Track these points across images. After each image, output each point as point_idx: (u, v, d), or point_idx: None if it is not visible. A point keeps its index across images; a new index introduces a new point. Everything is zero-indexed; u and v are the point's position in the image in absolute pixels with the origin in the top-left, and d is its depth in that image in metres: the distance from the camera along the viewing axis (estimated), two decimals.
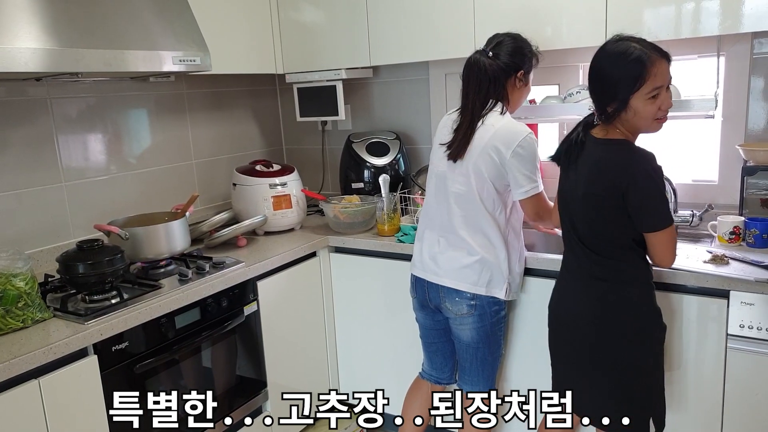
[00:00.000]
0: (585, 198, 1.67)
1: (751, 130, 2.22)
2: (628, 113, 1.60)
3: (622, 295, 1.67)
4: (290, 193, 2.63)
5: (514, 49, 1.92)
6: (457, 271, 1.95)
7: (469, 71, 1.93)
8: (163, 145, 2.68)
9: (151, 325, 1.86)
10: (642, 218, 1.61)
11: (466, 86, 1.94)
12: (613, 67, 1.59)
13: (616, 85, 1.58)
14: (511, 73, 1.93)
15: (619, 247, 1.67)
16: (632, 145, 1.64)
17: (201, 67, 2.15)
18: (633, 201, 1.58)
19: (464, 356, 2.05)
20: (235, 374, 2.22)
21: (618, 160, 1.61)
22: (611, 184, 1.60)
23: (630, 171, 1.58)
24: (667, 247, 1.65)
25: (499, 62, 1.90)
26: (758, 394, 1.81)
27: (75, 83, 2.29)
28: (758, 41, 2.16)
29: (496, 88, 1.91)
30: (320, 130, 3.24)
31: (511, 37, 1.95)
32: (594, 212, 1.66)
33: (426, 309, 2.10)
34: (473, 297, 1.94)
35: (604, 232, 1.67)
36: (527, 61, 1.95)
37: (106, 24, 1.88)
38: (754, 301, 1.76)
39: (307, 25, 2.74)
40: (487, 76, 1.89)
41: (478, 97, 1.91)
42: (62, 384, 1.61)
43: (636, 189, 1.57)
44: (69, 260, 1.83)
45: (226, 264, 2.16)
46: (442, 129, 2.03)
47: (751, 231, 2.03)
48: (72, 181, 2.31)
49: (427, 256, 2.03)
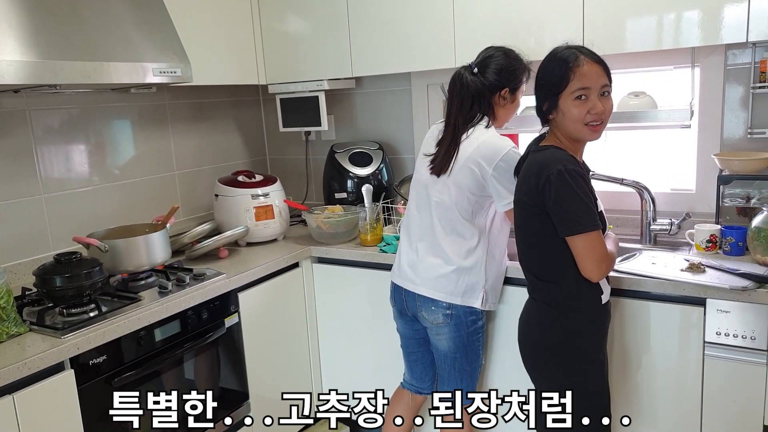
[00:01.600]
0: (516, 206, 1.69)
1: (727, 139, 2.26)
2: (558, 115, 1.62)
3: (559, 322, 1.66)
4: (272, 203, 2.62)
5: (500, 67, 1.92)
6: (433, 280, 1.95)
7: (453, 86, 1.94)
8: (144, 157, 2.67)
9: (130, 338, 1.84)
10: (558, 221, 1.56)
11: (450, 100, 1.96)
12: (545, 68, 1.63)
13: (546, 84, 1.62)
14: (496, 91, 1.92)
15: (554, 266, 1.63)
16: (554, 149, 1.62)
17: (182, 79, 2.15)
18: (548, 202, 1.55)
19: (442, 366, 2.05)
20: (217, 386, 2.20)
21: (536, 163, 1.61)
22: (531, 188, 1.59)
23: (543, 172, 1.55)
24: (587, 255, 1.56)
25: (483, 79, 1.90)
26: (735, 402, 1.82)
27: (54, 95, 2.28)
28: (732, 53, 2.19)
29: (480, 104, 1.91)
30: (303, 141, 3.24)
31: (503, 52, 1.94)
32: (525, 223, 1.66)
33: (405, 317, 2.10)
34: (449, 306, 1.94)
35: (537, 247, 1.65)
36: (513, 80, 1.94)
37: (86, 36, 1.88)
38: (730, 309, 1.78)
39: (290, 36, 2.74)
40: (469, 93, 1.90)
41: (461, 113, 1.91)
42: (38, 400, 1.59)
43: (550, 189, 1.54)
44: (46, 273, 1.81)
45: (207, 276, 2.15)
46: (429, 139, 2.04)
47: (727, 239, 2.05)
48: (51, 193, 2.29)
49: (405, 263, 2.04)
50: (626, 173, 2.33)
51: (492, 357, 2.20)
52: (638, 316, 1.92)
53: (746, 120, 2.20)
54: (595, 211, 1.57)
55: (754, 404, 1.80)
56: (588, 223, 1.54)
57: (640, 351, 1.94)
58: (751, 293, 1.73)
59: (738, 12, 1.86)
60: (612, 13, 2.05)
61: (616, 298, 1.88)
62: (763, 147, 2.18)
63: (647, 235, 2.32)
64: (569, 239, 1.56)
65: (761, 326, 1.75)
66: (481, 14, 2.27)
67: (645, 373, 1.96)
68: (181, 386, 2.06)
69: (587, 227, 1.54)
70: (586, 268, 1.58)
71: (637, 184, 2.31)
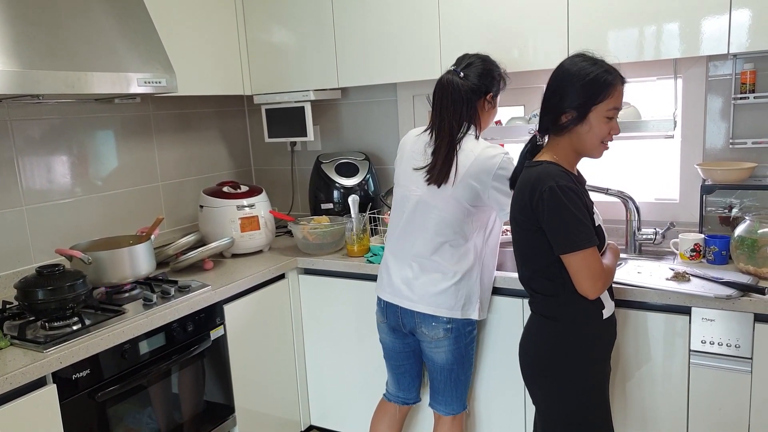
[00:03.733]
0: (512, 223, 1.66)
1: (709, 149, 2.29)
2: (583, 127, 1.57)
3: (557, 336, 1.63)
4: (258, 214, 2.61)
5: (483, 71, 1.91)
6: (433, 297, 1.91)
7: (443, 91, 1.88)
8: (128, 168, 2.64)
9: (114, 351, 1.81)
10: (552, 238, 1.54)
11: (439, 107, 1.88)
12: (586, 73, 1.54)
13: (582, 91, 1.54)
14: (481, 95, 1.91)
15: (550, 280, 1.61)
16: (547, 164, 1.58)
17: (167, 89, 2.13)
18: (542, 219, 1.53)
19: (438, 378, 2.02)
20: (202, 400, 2.17)
21: (529, 180, 1.57)
22: (525, 205, 1.56)
23: (537, 188, 1.53)
24: (582, 273, 1.53)
25: (470, 83, 1.88)
26: (721, 409, 1.84)
27: (37, 105, 2.25)
28: (713, 64, 2.23)
29: (469, 109, 1.88)
30: (289, 151, 3.23)
31: (480, 58, 1.94)
32: (521, 238, 1.64)
33: (396, 333, 2.06)
34: (449, 321, 1.92)
35: (534, 262, 1.63)
36: (496, 84, 1.95)
37: (70, 45, 1.86)
38: (715, 317, 1.80)
39: (275, 46, 2.74)
40: (461, 97, 1.86)
41: (455, 118, 1.86)
42: (19, 415, 1.56)
43: (543, 206, 1.52)
44: (28, 286, 1.78)
45: (192, 288, 2.13)
46: (414, 152, 1.96)
47: (711, 248, 2.08)
48: (33, 205, 2.26)
49: (399, 281, 1.98)
50: (611, 183, 2.35)
51: (484, 366, 2.20)
52: (624, 325, 1.93)
53: (728, 130, 2.24)
54: (590, 226, 1.54)
55: (740, 412, 1.81)
56: (582, 241, 1.51)
57: (626, 360, 1.95)
58: (735, 302, 1.75)
59: (719, 24, 1.89)
60: (595, 25, 2.08)
61: None
62: (745, 157, 2.22)
63: (632, 244, 2.34)
64: (564, 257, 1.54)
65: (745, 334, 1.77)
66: (467, 25, 2.28)
67: (631, 382, 1.96)
68: (166, 400, 2.03)
69: (581, 245, 1.51)
70: (581, 286, 1.55)
71: (622, 193, 2.33)
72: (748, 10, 1.85)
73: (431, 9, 2.34)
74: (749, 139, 2.19)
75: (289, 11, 2.67)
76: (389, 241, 2.07)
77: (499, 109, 2.06)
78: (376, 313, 2.12)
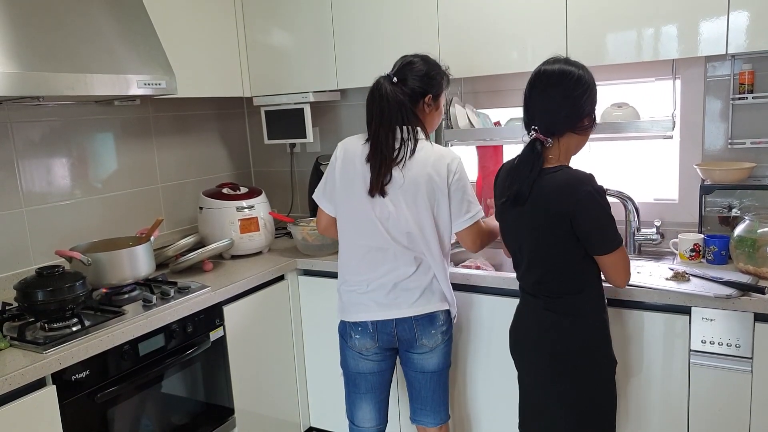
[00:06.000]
0: (537, 230, 1.62)
1: (708, 150, 2.29)
2: (592, 127, 1.65)
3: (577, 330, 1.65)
4: (257, 215, 2.61)
5: (422, 73, 1.85)
6: (421, 298, 1.87)
7: (372, 97, 1.82)
8: (128, 169, 2.64)
9: (114, 352, 1.81)
10: (593, 243, 1.58)
11: (369, 113, 1.82)
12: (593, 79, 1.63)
13: (595, 96, 1.63)
14: (419, 99, 1.86)
15: (575, 278, 1.63)
16: (568, 168, 1.61)
17: (167, 91, 2.13)
18: (582, 226, 1.55)
19: (427, 386, 1.96)
20: (201, 401, 2.17)
21: (560, 185, 1.56)
22: (559, 211, 1.55)
23: (573, 193, 1.54)
24: (620, 267, 1.62)
25: (404, 88, 1.82)
26: (721, 409, 1.84)
27: (37, 107, 2.26)
28: (711, 65, 2.23)
29: (404, 114, 1.80)
30: (288, 153, 3.23)
31: (420, 58, 1.88)
32: (549, 243, 1.61)
33: (387, 353, 1.96)
34: (443, 323, 1.91)
35: (557, 268, 1.63)
36: (435, 85, 1.88)
37: (70, 47, 1.86)
38: (715, 317, 1.80)
39: (275, 48, 2.75)
40: (389, 104, 1.78)
41: (383, 126, 1.79)
42: (18, 416, 1.55)
43: (582, 214, 1.54)
44: (27, 287, 1.78)
45: (192, 289, 2.13)
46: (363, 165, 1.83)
47: (710, 248, 2.08)
48: (33, 207, 2.26)
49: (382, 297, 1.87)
50: (610, 183, 2.35)
51: (477, 366, 2.20)
52: (624, 325, 1.93)
53: (726, 130, 2.24)
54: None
55: (740, 411, 1.81)
56: (619, 239, 1.60)
57: (626, 360, 1.95)
58: (735, 301, 1.75)
59: (717, 25, 1.90)
60: (593, 26, 2.08)
61: None
62: (743, 157, 2.22)
63: (632, 244, 2.34)
64: (602, 256, 1.60)
65: (745, 334, 1.77)
66: (465, 26, 2.29)
67: (631, 382, 1.96)
68: (165, 401, 2.03)
69: (619, 243, 1.59)
70: (618, 279, 1.65)
71: (621, 194, 2.33)
72: (746, 10, 1.86)
73: (430, 11, 2.34)
74: (748, 140, 2.19)
75: (288, 13, 2.68)
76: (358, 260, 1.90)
77: (499, 110, 2.05)
78: (354, 345, 1.94)
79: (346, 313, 1.95)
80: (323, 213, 2.02)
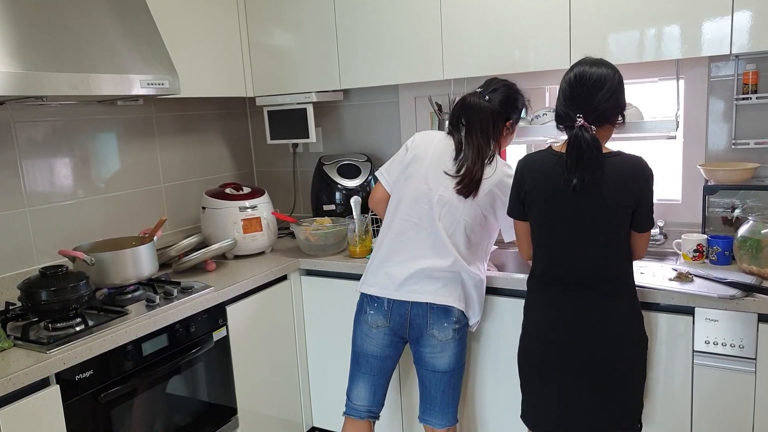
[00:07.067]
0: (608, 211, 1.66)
1: (711, 150, 2.29)
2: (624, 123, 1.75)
3: (633, 310, 1.73)
4: (260, 215, 2.61)
5: (506, 98, 1.98)
6: (443, 289, 1.91)
7: (469, 111, 1.96)
8: (131, 169, 2.64)
9: (117, 352, 1.81)
10: (645, 220, 1.69)
11: (467, 125, 1.96)
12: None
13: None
14: (503, 121, 1.99)
15: (623, 260, 1.71)
16: (623, 152, 1.71)
17: (170, 91, 2.13)
18: (644, 205, 1.67)
19: (437, 386, 1.97)
20: (204, 401, 2.17)
21: (628, 167, 1.66)
22: (631, 191, 1.65)
23: (641, 175, 1.66)
24: (648, 239, 1.76)
25: (493, 106, 1.96)
26: (725, 410, 1.83)
27: (40, 107, 2.26)
28: (715, 65, 2.23)
29: (494, 129, 1.96)
30: (291, 153, 3.24)
31: (506, 86, 2.00)
32: (616, 225, 1.67)
33: (395, 336, 2.00)
34: (458, 321, 1.92)
35: (617, 250, 1.69)
36: (517, 112, 2.03)
37: (73, 47, 1.86)
38: (719, 318, 1.80)
39: (277, 48, 2.75)
40: (488, 117, 1.94)
41: (483, 137, 1.94)
42: (22, 416, 1.56)
43: (647, 193, 1.67)
44: (31, 287, 1.78)
45: (195, 289, 2.13)
46: (441, 154, 1.97)
47: (713, 248, 2.07)
48: (36, 206, 2.26)
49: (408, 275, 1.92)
50: None
51: (484, 368, 2.20)
52: None
53: (730, 131, 2.24)
54: None
55: (744, 412, 1.81)
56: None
57: None
58: (739, 302, 1.75)
59: (721, 25, 1.90)
60: (597, 26, 2.08)
61: None
62: (747, 157, 2.22)
63: None
64: (644, 233, 1.72)
65: (749, 334, 1.77)
66: (469, 27, 2.29)
67: None
68: (168, 401, 2.03)
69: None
70: (644, 251, 1.78)
71: None
72: (750, 11, 1.86)
73: (433, 10, 2.34)
74: (752, 140, 2.19)
75: (291, 13, 2.68)
76: (396, 237, 1.98)
77: None
78: (367, 320, 2.01)
79: (366, 286, 2.03)
80: (380, 186, 2.13)
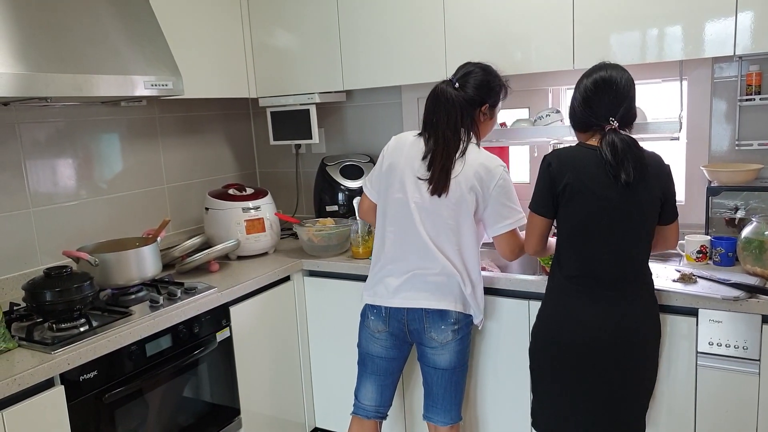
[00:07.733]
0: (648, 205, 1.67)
1: (714, 151, 2.29)
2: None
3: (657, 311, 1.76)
4: (263, 216, 2.61)
5: (481, 83, 1.89)
6: (438, 293, 1.90)
7: (436, 102, 1.89)
8: (134, 170, 2.65)
9: (121, 353, 1.82)
10: (671, 211, 1.73)
11: (433, 117, 1.89)
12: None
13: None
14: (476, 107, 1.90)
15: (648, 255, 1.73)
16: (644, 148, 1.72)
17: (173, 92, 2.14)
18: (670, 194, 1.71)
19: (439, 383, 1.98)
20: (208, 402, 2.17)
21: (658, 161, 1.70)
22: (662, 184, 1.69)
23: (667, 170, 1.70)
24: (678, 227, 1.79)
25: (465, 93, 1.88)
26: (728, 411, 1.83)
27: (44, 108, 2.26)
28: (718, 66, 2.23)
29: (465, 118, 1.87)
30: (294, 154, 3.24)
31: (480, 68, 1.92)
32: (651, 219, 1.70)
33: (397, 339, 2.01)
34: (456, 321, 1.91)
35: (649, 239, 1.72)
36: (494, 95, 1.93)
37: (77, 48, 1.87)
38: (722, 319, 1.79)
39: (280, 49, 2.75)
40: (455, 107, 1.86)
41: (449, 128, 1.86)
42: (27, 416, 1.56)
43: (671, 182, 1.71)
44: (36, 288, 1.78)
45: (198, 289, 2.13)
46: (412, 158, 1.92)
47: (717, 250, 2.07)
48: (40, 207, 2.27)
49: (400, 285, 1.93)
50: None
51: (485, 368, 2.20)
52: None
53: (733, 132, 2.24)
54: None
55: (747, 413, 1.81)
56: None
57: None
58: (742, 303, 1.75)
59: (725, 26, 1.90)
60: (599, 27, 2.08)
61: None
62: (751, 158, 2.22)
63: None
64: (671, 225, 1.77)
65: (753, 336, 1.76)
66: (471, 27, 2.29)
67: None
68: (172, 401, 2.03)
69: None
70: (676, 242, 1.82)
71: None
72: (754, 11, 1.86)
73: (436, 12, 2.35)
74: (755, 141, 2.19)
75: (294, 14, 2.68)
76: (386, 247, 1.98)
77: (503, 111, 2.06)
78: (369, 325, 2.04)
79: (366, 294, 2.04)
80: (366, 197, 2.12)
